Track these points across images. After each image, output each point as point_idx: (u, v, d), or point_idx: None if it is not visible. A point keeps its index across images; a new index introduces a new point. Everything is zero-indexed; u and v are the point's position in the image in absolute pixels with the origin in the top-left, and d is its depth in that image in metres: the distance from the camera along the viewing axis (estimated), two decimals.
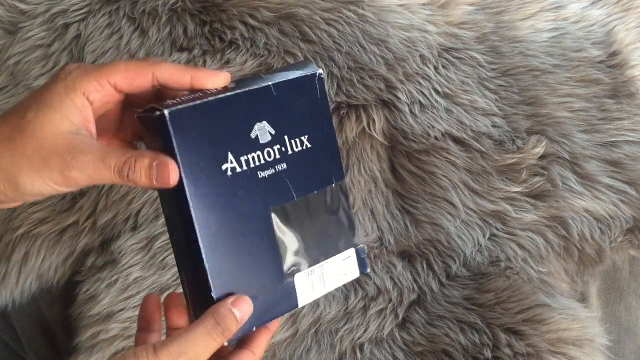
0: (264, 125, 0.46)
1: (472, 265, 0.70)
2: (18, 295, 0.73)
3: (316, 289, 0.49)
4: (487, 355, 0.65)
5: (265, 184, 0.46)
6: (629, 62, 0.74)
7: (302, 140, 0.48)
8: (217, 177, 0.44)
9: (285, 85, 0.47)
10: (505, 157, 0.70)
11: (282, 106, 0.47)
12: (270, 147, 0.46)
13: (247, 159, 0.45)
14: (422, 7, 0.73)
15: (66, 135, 0.42)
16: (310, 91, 0.49)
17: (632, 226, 0.71)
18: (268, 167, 0.46)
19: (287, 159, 0.47)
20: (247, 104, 0.46)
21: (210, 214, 0.44)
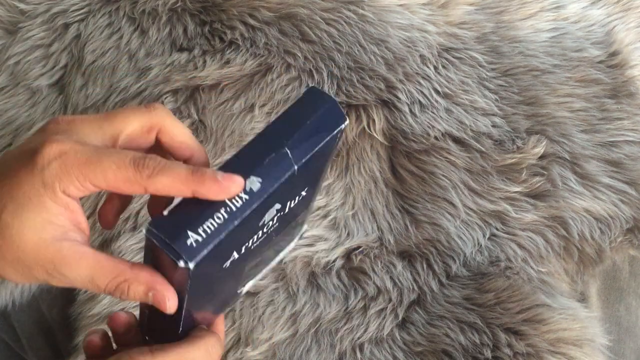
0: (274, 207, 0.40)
1: (472, 265, 0.70)
2: (18, 295, 0.73)
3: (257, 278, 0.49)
4: (487, 355, 0.65)
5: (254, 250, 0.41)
6: (629, 62, 0.74)
7: (301, 194, 0.42)
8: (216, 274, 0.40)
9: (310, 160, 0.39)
10: (505, 157, 0.70)
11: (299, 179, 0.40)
12: (272, 220, 0.40)
13: (248, 244, 0.40)
14: (422, 7, 0.73)
15: (50, 244, 0.36)
16: (330, 150, 0.41)
17: (632, 226, 0.71)
18: (262, 235, 0.41)
19: (281, 217, 0.41)
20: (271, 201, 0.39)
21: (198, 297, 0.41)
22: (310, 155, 0.39)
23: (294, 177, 0.39)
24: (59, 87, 0.74)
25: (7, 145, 0.74)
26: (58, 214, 0.36)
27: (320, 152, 0.39)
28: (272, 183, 0.38)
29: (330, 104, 0.40)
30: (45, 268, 0.36)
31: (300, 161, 0.38)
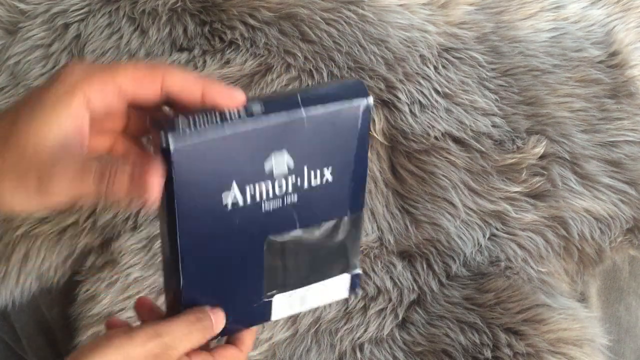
0: (282, 156, 0.41)
1: (472, 265, 0.70)
2: (18, 295, 0.73)
3: (294, 307, 0.47)
4: (487, 355, 0.65)
5: (268, 216, 0.42)
6: (629, 62, 0.74)
7: (323, 173, 0.42)
8: (215, 210, 0.40)
9: (322, 117, 0.41)
10: (505, 157, 0.70)
11: (311, 138, 0.41)
12: (285, 179, 0.41)
13: (253, 191, 0.41)
14: (422, 7, 0.73)
15: (50, 148, 0.37)
16: (350, 123, 0.42)
17: (632, 226, 0.71)
18: (275, 199, 0.42)
19: (300, 191, 0.42)
20: (269, 135, 0.40)
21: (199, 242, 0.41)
22: (321, 112, 0.40)
23: (303, 126, 0.40)
24: None
25: None
26: (68, 122, 0.37)
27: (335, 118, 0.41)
28: (274, 111, 0.39)
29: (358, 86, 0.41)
30: (39, 172, 0.37)
31: (309, 111, 0.40)
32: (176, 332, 0.42)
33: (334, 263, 0.47)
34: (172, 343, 0.41)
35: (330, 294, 0.48)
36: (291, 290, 0.46)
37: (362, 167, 0.44)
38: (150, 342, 0.40)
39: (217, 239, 0.42)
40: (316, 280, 0.46)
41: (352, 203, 0.45)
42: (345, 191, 0.44)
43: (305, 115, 0.40)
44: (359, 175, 0.44)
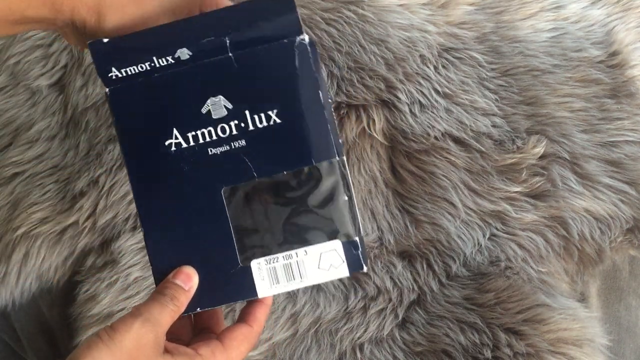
0: (219, 100, 0.43)
1: (472, 265, 0.70)
2: (18, 295, 0.73)
3: (282, 281, 0.44)
4: (487, 355, 0.65)
5: (217, 162, 0.43)
6: (629, 62, 0.74)
7: (268, 115, 0.43)
8: (159, 153, 0.43)
9: (252, 58, 0.42)
10: (505, 157, 0.70)
11: (244, 78, 0.43)
12: (226, 122, 0.43)
13: (195, 134, 0.43)
14: (422, 7, 0.73)
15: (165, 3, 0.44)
16: (285, 62, 0.43)
17: (632, 226, 0.71)
18: (221, 144, 0.43)
19: (247, 135, 0.43)
20: (199, 78, 0.42)
21: (152, 191, 0.43)
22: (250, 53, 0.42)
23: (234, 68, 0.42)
24: (59, 87, 0.74)
25: (7, 145, 0.74)
26: None
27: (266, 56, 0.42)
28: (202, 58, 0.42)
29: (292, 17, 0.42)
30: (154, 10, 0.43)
31: (238, 54, 0.42)
32: (152, 309, 0.43)
33: (316, 225, 0.44)
34: (152, 318, 0.42)
35: (326, 270, 0.44)
36: (269, 256, 0.44)
37: (317, 108, 0.43)
38: (134, 324, 0.41)
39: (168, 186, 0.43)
40: (297, 245, 0.44)
41: (318, 149, 0.43)
42: (303, 135, 0.43)
43: (234, 57, 0.42)
44: (316, 117, 0.43)
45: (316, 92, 0.43)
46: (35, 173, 0.73)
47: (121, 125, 0.43)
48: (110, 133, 0.72)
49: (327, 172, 0.43)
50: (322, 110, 0.43)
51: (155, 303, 0.43)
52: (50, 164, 0.73)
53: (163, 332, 0.43)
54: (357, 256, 0.44)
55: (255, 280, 0.44)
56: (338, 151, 0.44)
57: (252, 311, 0.47)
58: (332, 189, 0.43)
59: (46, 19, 0.46)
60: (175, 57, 0.43)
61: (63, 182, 0.73)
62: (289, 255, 0.44)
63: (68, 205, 0.72)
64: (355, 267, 0.44)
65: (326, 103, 0.44)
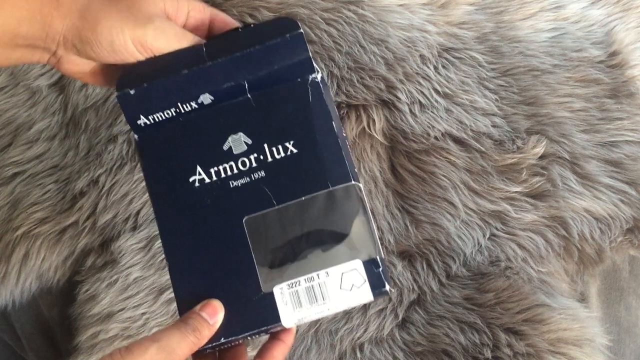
0: (239, 137, 0.45)
1: (472, 265, 0.70)
2: (18, 295, 0.73)
3: (305, 304, 0.44)
4: (487, 355, 0.65)
5: (239, 193, 0.45)
6: (629, 62, 0.74)
7: (285, 147, 0.45)
8: (184, 189, 0.45)
9: (269, 97, 0.46)
10: (505, 157, 0.70)
11: (262, 115, 0.46)
12: (246, 156, 0.45)
13: (217, 170, 0.45)
14: (422, 7, 0.73)
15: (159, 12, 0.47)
16: (300, 98, 0.46)
17: (632, 226, 0.71)
18: (242, 177, 0.45)
19: (266, 166, 0.45)
20: (221, 119, 0.46)
21: (176, 225, 0.45)
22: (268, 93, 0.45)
23: (252, 108, 0.46)
24: (59, 87, 0.74)
25: (7, 145, 0.74)
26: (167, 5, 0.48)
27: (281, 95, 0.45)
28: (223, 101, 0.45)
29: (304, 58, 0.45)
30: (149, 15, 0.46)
31: (256, 95, 0.46)
32: (172, 337, 0.42)
33: (335, 247, 0.44)
34: (169, 347, 0.41)
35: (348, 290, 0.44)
36: (291, 280, 0.44)
37: (331, 137, 0.45)
38: (149, 349, 0.41)
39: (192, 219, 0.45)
40: (318, 267, 0.44)
41: (333, 174, 0.45)
42: (319, 162, 0.45)
43: (252, 98, 0.46)
44: (331, 146, 0.45)
45: (330, 123, 0.46)
46: (35, 173, 0.73)
47: (149, 167, 0.46)
48: (110, 133, 0.72)
49: (344, 195, 0.45)
50: (337, 138, 0.46)
51: (176, 331, 0.42)
52: (50, 164, 0.73)
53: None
54: (379, 274, 0.44)
55: (278, 305, 0.44)
56: (354, 176, 0.45)
57: (271, 351, 0.47)
58: (349, 211, 0.45)
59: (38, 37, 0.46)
60: (198, 102, 0.46)
61: (63, 182, 0.73)
62: (310, 277, 0.44)
63: (68, 205, 0.72)
64: (377, 286, 0.44)
65: (340, 133, 0.46)
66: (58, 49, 0.47)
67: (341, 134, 0.47)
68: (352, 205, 0.45)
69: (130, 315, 0.69)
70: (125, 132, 0.71)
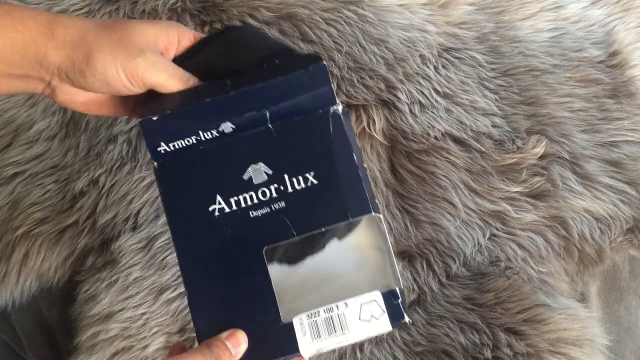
0: (259, 167, 0.45)
1: (472, 265, 0.70)
2: (18, 295, 0.73)
3: (324, 334, 0.44)
4: (487, 355, 0.65)
5: (259, 223, 0.45)
6: (629, 62, 0.74)
7: (306, 178, 0.46)
8: (203, 218, 0.45)
9: (288, 126, 0.46)
10: (505, 157, 0.70)
11: (283, 146, 0.46)
12: (266, 187, 0.45)
13: (237, 199, 0.45)
14: (422, 7, 0.73)
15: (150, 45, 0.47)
16: (321, 130, 0.46)
17: (632, 226, 0.71)
18: (262, 207, 0.45)
19: (287, 197, 0.45)
20: (241, 148, 0.46)
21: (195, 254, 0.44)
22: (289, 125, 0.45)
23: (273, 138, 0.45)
24: None
25: (7, 145, 0.74)
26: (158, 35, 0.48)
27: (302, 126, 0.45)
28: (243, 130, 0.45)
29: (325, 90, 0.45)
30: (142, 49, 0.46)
31: (277, 125, 0.45)
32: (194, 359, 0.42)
33: (355, 277, 0.45)
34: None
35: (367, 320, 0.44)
36: (311, 310, 0.44)
37: (351, 169, 0.46)
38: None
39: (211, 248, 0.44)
40: (338, 297, 0.44)
41: (353, 206, 0.45)
42: (339, 194, 0.45)
43: (273, 128, 0.45)
44: (351, 177, 0.45)
45: (350, 155, 0.46)
46: (35, 173, 0.73)
47: (168, 195, 0.45)
48: (110, 133, 0.72)
49: (363, 226, 0.45)
50: (357, 170, 0.46)
51: (199, 356, 0.42)
52: (50, 163, 0.73)
53: None
54: (397, 306, 0.45)
55: (297, 335, 0.44)
56: (374, 208, 0.46)
57: None
58: (369, 242, 0.45)
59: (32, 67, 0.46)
60: (219, 131, 0.45)
61: (63, 182, 0.73)
62: (329, 308, 0.44)
63: (68, 205, 0.72)
64: (396, 317, 0.44)
65: (360, 164, 0.46)
66: (52, 79, 0.47)
67: (361, 165, 0.47)
68: (372, 235, 0.45)
69: (130, 315, 0.69)
70: (125, 132, 0.71)
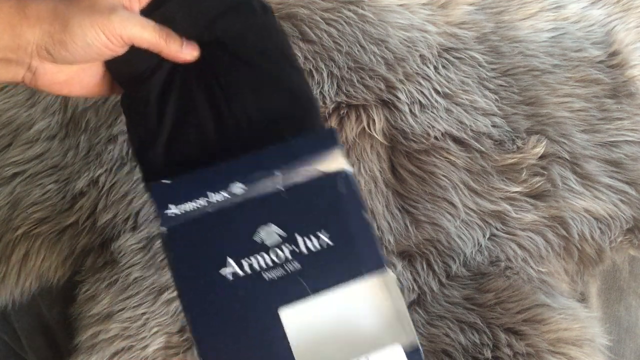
0: (270, 228, 0.45)
1: (472, 265, 0.70)
2: (18, 295, 0.73)
3: None
4: (487, 355, 0.65)
5: (273, 285, 0.44)
6: (629, 62, 0.74)
7: (319, 237, 0.45)
8: (215, 282, 0.44)
9: (300, 189, 0.46)
10: (505, 157, 0.70)
11: (295, 207, 0.45)
12: (279, 248, 0.44)
13: (250, 262, 0.44)
14: (422, 7, 0.73)
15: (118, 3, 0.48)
16: (331, 190, 0.46)
17: (632, 226, 0.71)
18: (276, 268, 0.44)
19: (301, 258, 0.44)
20: (252, 209, 0.45)
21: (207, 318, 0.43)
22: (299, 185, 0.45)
23: (284, 199, 0.45)
24: None
25: (7, 145, 0.74)
26: None
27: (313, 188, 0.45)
28: (254, 192, 0.45)
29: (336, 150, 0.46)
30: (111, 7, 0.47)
31: (288, 186, 0.45)
32: None
33: (374, 334, 0.44)
34: None
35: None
36: None
37: (363, 227, 0.45)
38: None
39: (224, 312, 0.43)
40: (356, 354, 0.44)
41: (367, 263, 0.45)
42: (353, 252, 0.45)
43: (284, 190, 0.45)
44: (363, 235, 0.45)
45: (361, 213, 0.46)
46: (35, 173, 0.73)
47: (177, 261, 0.44)
48: (110, 133, 0.72)
49: (378, 283, 0.45)
50: (368, 227, 0.46)
51: None
52: (50, 163, 0.73)
53: None
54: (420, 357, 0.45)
55: None
56: (386, 263, 0.45)
57: None
58: (385, 298, 0.45)
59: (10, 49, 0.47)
60: (229, 192, 0.45)
61: (63, 182, 0.73)
62: None
63: (68, 205, 0.72)
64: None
65: (371, 222, 0.47)
66: (32, 60, 0.48)
67: (371, 221, 0.48)
68: (387, 292, 0.45)
69: (130, 315, 0.69)
70: (125, 132, 0.71)
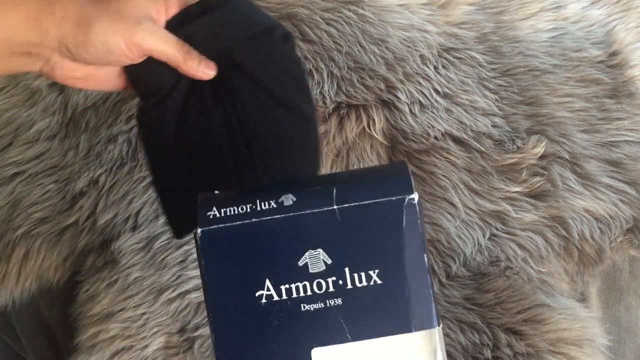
0: (318, 254, 0.40)
1: (472, 265, 0.70)
2: (18, 295, 0.73)
3: None
4: (487, 355, 0.65)
5: (310, 319, 0.40)
6: (629, 62, 0.74)
7: (369, 275, 0.40)
8: (248, 304, 0.40)
9: (357, 212, 0.40)
10: (505, 157, 0.70)
11: (348, 234, 0.40)
12: (323, 278, 0.40)
13: (288, 288, 0.40)
14: (422, 7, 0.73)
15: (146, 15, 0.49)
16: (392, 220, 0.40)
17: (632, 226, 0.71)
18: (316, 301, 0.40)
19: (345, 294, 0.40)
20: (300, 228, 0.40)
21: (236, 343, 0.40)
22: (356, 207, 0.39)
23: (337, 222, 0.39)
24: (58, 87, 0.74)
25: (7, 145, 0.74)
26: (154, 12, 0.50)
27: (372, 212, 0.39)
28: (305, 207, 0.40)
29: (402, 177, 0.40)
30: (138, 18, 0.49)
31: (343, 204, 0.39)
32: None
33: None
34: None
35: None
36: None
37: (421, 273, 0.40)
38: None
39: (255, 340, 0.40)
40: None
41: (418, 317, 0.40)
42: (404, 300, 0.40)
43: (338, 211, 0.40)
44: (419, 282, 0.40)
45: (421, 256, 0.40)
46: (35, 173, 0.73)
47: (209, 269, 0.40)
48: (110, 133, 0.72)
49: (424, 341, 0.40)
50: (426, 275, 0.40)
51: None
52: (50, 163, 0.73)
53: None
54: None
55: None
56: (438, 320, 0.41)
57: None
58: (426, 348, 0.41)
59: (34, 44, 0.48)
60: (278, 202, 0.40)
61: (63, 182, 0.73)
62: None
63: (68, 205, 0.72)
64: None
65: (429, 267, 0.41)
66: (52, 55, 0.49)
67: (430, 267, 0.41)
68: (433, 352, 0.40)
69: (130, 315, 0.69)
70: (125, 132, 0.71)
